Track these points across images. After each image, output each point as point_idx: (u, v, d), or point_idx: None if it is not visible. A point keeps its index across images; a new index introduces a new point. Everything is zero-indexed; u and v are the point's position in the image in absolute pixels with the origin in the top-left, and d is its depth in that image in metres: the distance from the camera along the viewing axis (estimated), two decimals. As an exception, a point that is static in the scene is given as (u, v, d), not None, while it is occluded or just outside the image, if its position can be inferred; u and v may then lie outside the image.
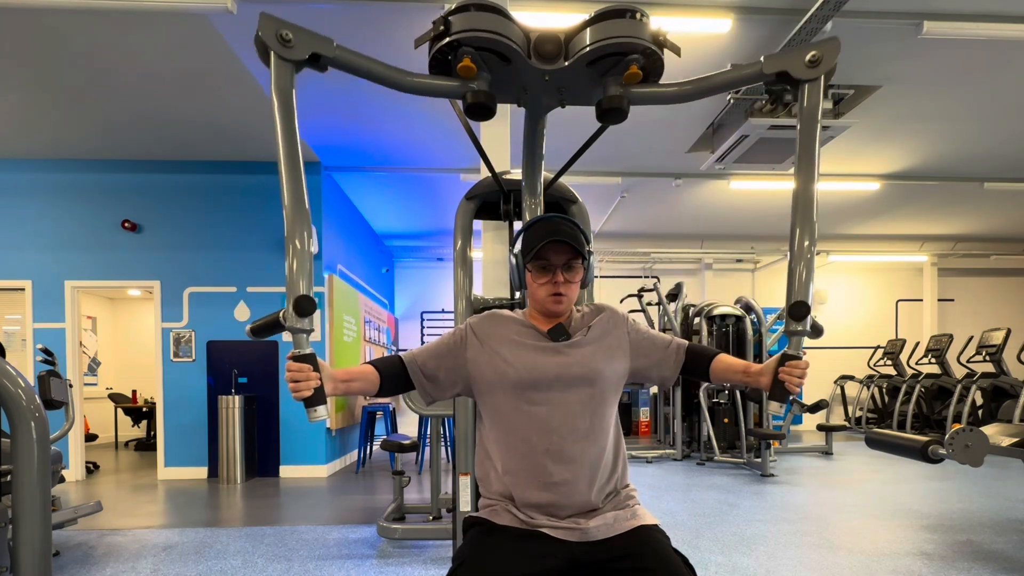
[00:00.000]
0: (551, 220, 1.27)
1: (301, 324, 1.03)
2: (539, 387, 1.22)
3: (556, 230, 1.24)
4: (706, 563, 2.90)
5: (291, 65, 1.11)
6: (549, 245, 1.22)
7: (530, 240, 1.26)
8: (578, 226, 1.28)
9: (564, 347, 1.26)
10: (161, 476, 5.68)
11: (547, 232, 1.23)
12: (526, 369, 1.23)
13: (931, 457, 2.41)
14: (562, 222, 1.26)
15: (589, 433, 1.22)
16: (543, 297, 1.26)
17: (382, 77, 1.17)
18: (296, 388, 1.05)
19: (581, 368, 1.24)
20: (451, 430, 5.52)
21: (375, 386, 1.23)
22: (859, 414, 8.89)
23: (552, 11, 3.34)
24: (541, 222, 1.28)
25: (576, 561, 1.16)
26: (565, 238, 1.22)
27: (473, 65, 1.12)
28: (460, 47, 1.11)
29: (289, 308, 1.03)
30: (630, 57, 1.13)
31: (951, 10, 3.48)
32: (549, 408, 1.21)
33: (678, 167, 6.01)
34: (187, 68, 3.98)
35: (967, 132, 5.25)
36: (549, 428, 1.20)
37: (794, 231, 1.13)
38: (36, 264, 5.52)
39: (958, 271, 9.60)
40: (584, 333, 1.28)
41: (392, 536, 3.31)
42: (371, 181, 6.38)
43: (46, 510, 1.87)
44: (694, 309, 6.94)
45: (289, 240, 1.04)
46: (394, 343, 9.02)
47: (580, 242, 1.24)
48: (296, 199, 1.07)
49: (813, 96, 1.13)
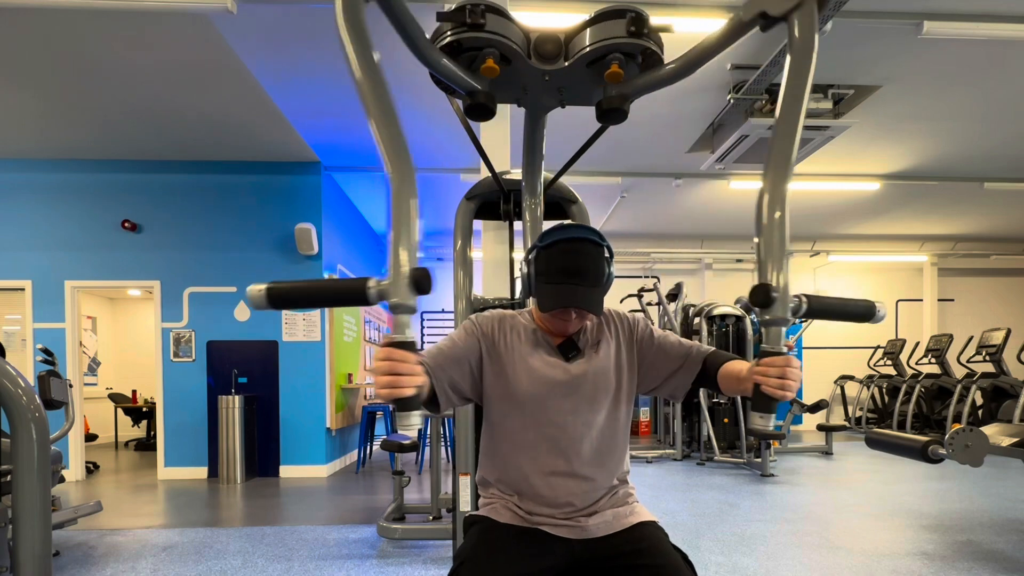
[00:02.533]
0: (574, 251, 1.14)
1: (414, 302, 0.82)
2: (547, 406, 1.19)
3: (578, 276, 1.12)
4: (706, 563, 2.90)
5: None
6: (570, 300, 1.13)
7: (549, 273, 1.14)
8: (602, 242, 1.16)
9: (575, 364, 1.21)
10: (161, 476, 5.68)
11: (568, 274, 1.12)
12: (536, 389, 1.19)
13: (931, 457, 2.41)
14: (586, 257, 1.13)
15: (598, 452, 1.21)
16: (552, 324, 1.22)
17: (414, 38, 1.05)
18: (396, 384, 0.80)
19: (592, 388, 1.20)
20: (451, 430, 5.52)
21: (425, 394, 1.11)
22: (859, 414, 8.88)
23: (552, 11, 3.34)
24: (563, 249, 1.14)
25: (576, 558, 1.16)
26: (585, 303, 1.11)
27: (496, 66, 1.09)
28: (486, 47, 1.09)
29: (401, 281, 0.81)
30: (610, 56, 1.11)
31: (951, 10, 3.48)
32: (556, 428, 1.19)
33: (678, 167, 6.01)
34: (187, 68, 3.98)
35: (967, 132, 5.25)
36: (557, 447, 1.18)
37: (761, 198, 0.91)
38: (36, 264, 5.52)
39: (958, 271, 9.60)
40: (595, 349, 1.23)
41: (392, 536, 3.31)
42: (371, 181, 6.38)
43: (46, 510, 1.87)
44: (694, 309, 6.94)
45: (397, 205, 0.84)
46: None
47: (603, 288, 1.14)
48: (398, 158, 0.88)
49: (804, 27, 0.94)
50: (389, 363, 0.80)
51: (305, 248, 5.56)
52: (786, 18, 0.97)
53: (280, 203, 5.71)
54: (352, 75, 0.88)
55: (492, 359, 1.23)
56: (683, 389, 1.26)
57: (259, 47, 3.76)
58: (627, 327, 1.29)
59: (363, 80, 0.88)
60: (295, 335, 5.72)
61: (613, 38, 1.10)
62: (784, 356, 0.90)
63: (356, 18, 0.89)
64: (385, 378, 0.80)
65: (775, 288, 0.88)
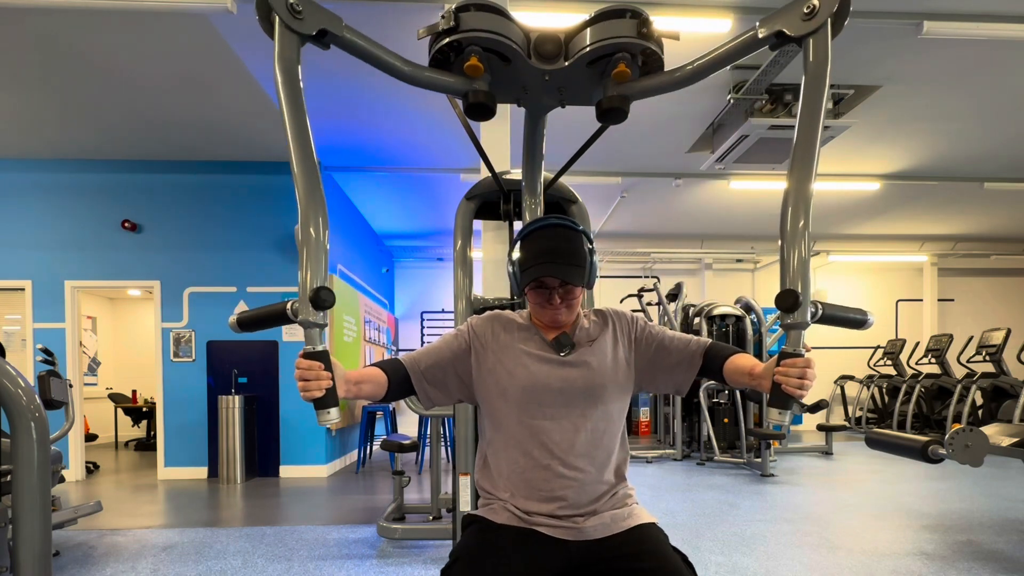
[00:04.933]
0: (547, 235, 1.20)
1: (317, 318, 0.95)
2: (542, 402, 1.20)
3: (552, 254, 1.17)
4: (706, 563, 2.90)
5: (297, 38, 1.01)
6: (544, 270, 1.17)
7: (525, 258, 1.20)
8: (577, 227, 1.22)
9: (569, 360, 1.22)
10: (161, 476, 5.68)
11: (542, 254, 1.18)
12: (529, 383, 1.20)
13: (931, 457, 2.41)
14: (559, 238, 1.19)
15: (593, 448, 1.20)
16: (542, 315, 1.24)
17: (386, 64, 1.12)
18: (306, 388, 0.97)
19: (586, 383, 1.21)
20: (451, 430, 5.52)
21: (384, 390, 1.18)
22: (859, 414, 8.89)
23: (552, 11, 3.34)
24: (537, 236, 1.21)
25: (574, 560, 1.16)
26: (559, 272, 1.16)
27: (480, 65, 1.10)
28: (468, 46, 1.10)
29: (304, 299, 0.94)
30: (618, 55, 1.11)
31: (951, 10, 3.48)
32: (552, 423, 1.19)
33: (678, 167, 6.01)
34: (187, 68, 3.98)
35: (967, 132, 5.25)
36: (551, 443, 1.18)
37: (785, 208, 0.98)
38: (36, 264, 5.52)
39: (958, 271, 9.61)
40: (590, 345, 1.24)
41: (392, 536, 3.31)
42: (371, 181, 6.38)
43: (46, 510, 1.87)
44: (694, 309, 6.94)
45: (304, 226, 0.96)
46: (394, 343, 9.02)
47: (578, 263, 1.18)
48: (309, 182, 0.97)
49: (819, 50, 0.99)
50: (301, 371, 0.97)
51: (305, 248, 5.55)
52: (801, 41, 1.02)
53: (280, 203, 5.71)
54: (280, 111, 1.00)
55: (484, 357, 1.24)
56: (687, 384, 1.26)
57: (259, 47, 3.76)
58: (626, 324, 1.29)
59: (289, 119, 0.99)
60: (295, 335, 5.72)
61: (613, 38, 1.10)
62: (805, 358, 0.97)
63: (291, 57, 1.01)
64: (300, 384, 0.98)
65: (800, 294, 0.94)
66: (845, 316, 1.02)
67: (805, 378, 0.96)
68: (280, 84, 0.99)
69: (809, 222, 0.96)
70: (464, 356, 1.25)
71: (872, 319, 1.04)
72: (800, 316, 0.94)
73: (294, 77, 1.00)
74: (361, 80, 4.13)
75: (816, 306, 0.97)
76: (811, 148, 0.98)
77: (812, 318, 0.97)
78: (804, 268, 0.95)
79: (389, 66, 1.12)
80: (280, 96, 0.99)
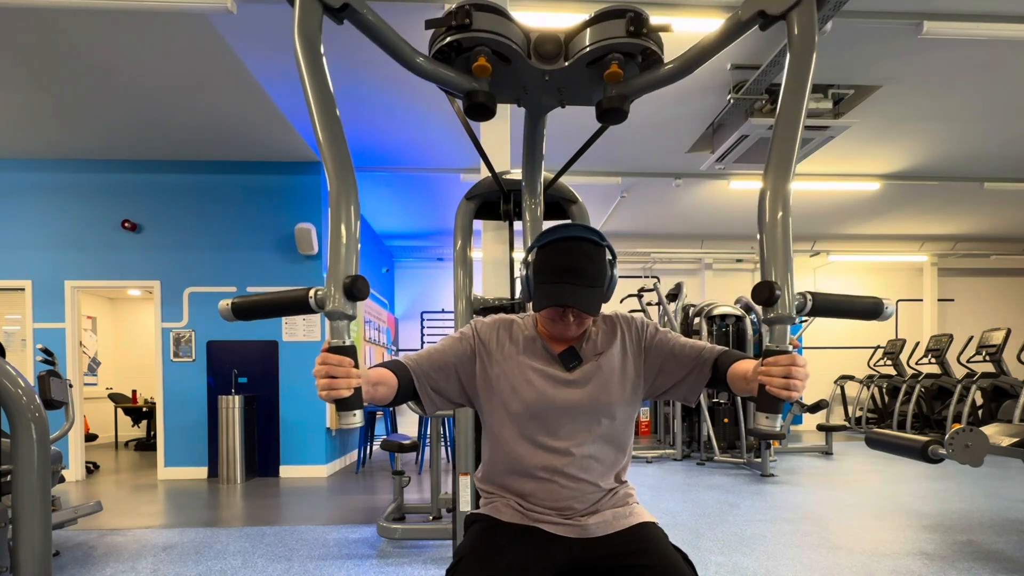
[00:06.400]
0: (570, 250, 1.11)
1: (348, 309, 0.87)
2: (546, 421, 1.17)
3: (573, 274, 1.09)
4: (706, 563, 2.90)
5: (320, 7, 0.93)
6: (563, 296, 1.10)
7: (543, 271, 1.12)
8: (601, 242, 1.13)
9: (575, 379, 1.18)
10: (161, 476, 5.68)
11: (563, 272, 1.10)
12: (533, 401, 1.17)
13: (931, 457, 2.41)
14: (582, 255, 1.10)
15: (598, 462, 1.19)
16: (551, 328, 1.18)
17: (396, 50, 1.07)
18: (332, 386, 0.86)
19: (592, 403, 1.17)
20: (451, 430, 5.52)
21: (394, 393, 1.12)
22: (859, 414, 8.88)
23: (552, 11, 3.34)
24: (559, 248, 1.12)
25: (575, 558, 1.16)
26: (579, 301, 1.08)
27: (488, 65, 1.09)
28: (477, 46, 1.09)
29: (336, 289, 0.85)
30: (610, 56, 1.11)
31: (951, 10, 3.48)
32: (556, 440, 1.18)
33: (678, 167, 6.01)
34: (187, 68, 3.98)
35: (967, 132, 5.25)
36: (555, 458, 1.17)
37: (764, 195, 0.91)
38: (36, 264, 5.52)
39: (958, 271, 9.60)
40: (597, 359, 1.19)
41: (392, 536, 3.31)
42: (371, 181, 6.38)
43: (46, 510, 1.87)
44: (694, 309, 6.94)
45: (335, 211, 0.87)
46: (394, 343, 9.02)
47: (599, 285, 1.11)
48: (339, 164, 0.89)
49: (804, 23, 0.94)
50: (326, 367, 0.86)
51: (305, 248, 5.56)
52: (785, 17, 0.97)
53: (280, 203, 5.71)
54: (303, 86, 0.91)
55: (488, 366, 1.21)
56: (696, 393, 1.22)
57: (259, 47, 3.76)
58: (635, 333, 1.24)
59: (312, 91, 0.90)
60: (295, 335, 5.73)
61: (613, 38, 1.10)
62: (788, 355, 0.88)
63: (312, 28, 0.92)
64: (323, 380, 0.86)
65: (778, 286, 0.86)
66: (850, 306, 0.91)
67: (791, 376, 0.86)
68: (301, 58, 0.90)
69: (788, 211, 0.89)
70: (468, 361, 1.21)
71: (890, 308, 0.92)
72: (783, 309, 0.86)
73: (316, 51, 0.91)
74: (361, 80, 4.13)
75: (804, 297, 0.88)
76: (791, 137, 0.92)
77: (801, 311, 0.88)
78: (783, 258, 0.87)
79: (399, 52, 1.08)
80: (302, 72, 0.90)
